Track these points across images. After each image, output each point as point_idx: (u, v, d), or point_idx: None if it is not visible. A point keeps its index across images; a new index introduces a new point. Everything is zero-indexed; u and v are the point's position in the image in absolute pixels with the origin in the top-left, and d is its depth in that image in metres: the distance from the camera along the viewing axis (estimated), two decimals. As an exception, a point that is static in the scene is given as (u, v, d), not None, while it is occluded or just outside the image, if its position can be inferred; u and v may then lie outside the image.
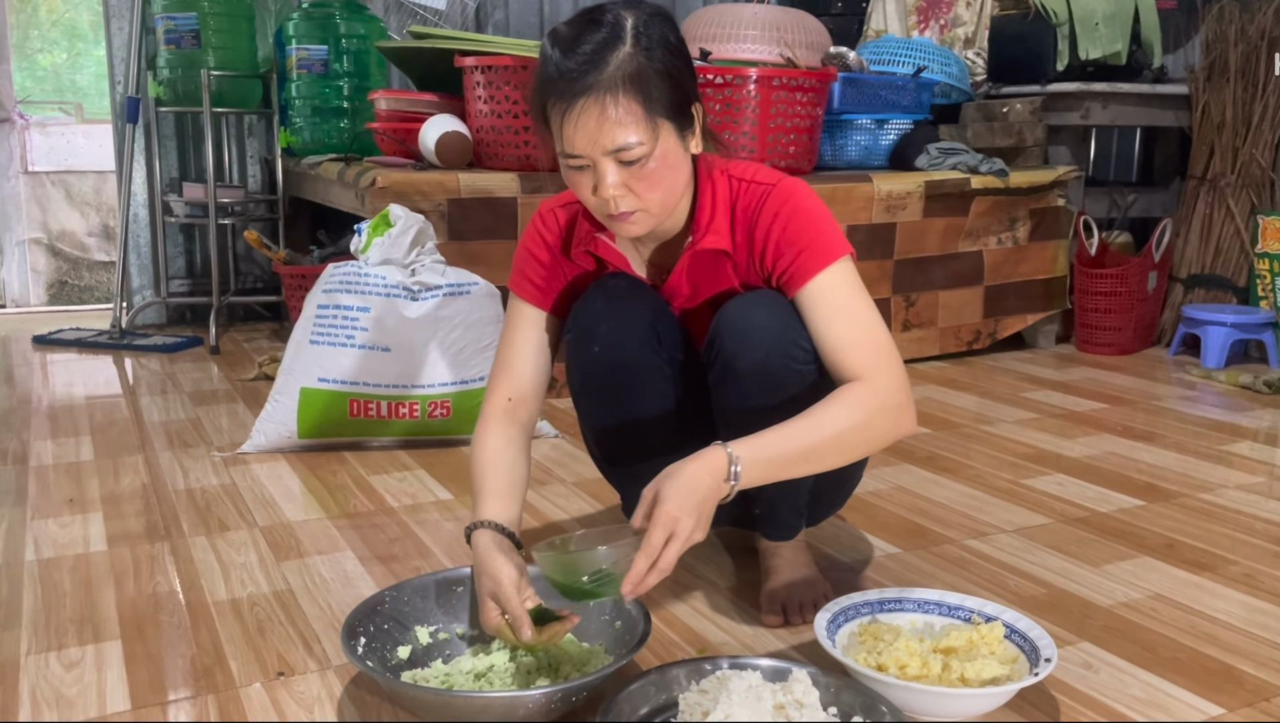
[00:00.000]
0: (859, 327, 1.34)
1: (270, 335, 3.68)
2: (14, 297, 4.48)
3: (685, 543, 1.18)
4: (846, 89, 3.22)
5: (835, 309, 1.35)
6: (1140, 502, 2.04)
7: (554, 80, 1.27)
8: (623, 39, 1.27)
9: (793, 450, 1.26)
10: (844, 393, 1.30)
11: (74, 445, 2.37)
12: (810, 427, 1.27)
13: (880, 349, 1.32)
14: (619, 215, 1.32)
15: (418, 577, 1.43)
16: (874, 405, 1.29)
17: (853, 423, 1.28)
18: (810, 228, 1.38)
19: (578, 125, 1.25)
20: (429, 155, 2.82)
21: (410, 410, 2.31)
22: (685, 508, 1.18)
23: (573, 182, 1.32)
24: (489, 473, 1.41)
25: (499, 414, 1.46)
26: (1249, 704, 1.30)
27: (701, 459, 1.22)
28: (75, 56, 4.69)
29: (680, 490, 1.19)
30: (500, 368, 1.50)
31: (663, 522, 1.17)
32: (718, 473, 1.22)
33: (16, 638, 1.46)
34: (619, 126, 1.25)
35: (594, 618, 1.38)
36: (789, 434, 1.26)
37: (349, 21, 3.61)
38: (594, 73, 1.25)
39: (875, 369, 1.31)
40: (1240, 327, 3.15)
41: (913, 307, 3.22)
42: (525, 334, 1.50)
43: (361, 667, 1.21)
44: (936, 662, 1.28)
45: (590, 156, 1.27)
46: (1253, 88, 3.40)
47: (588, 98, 1.24)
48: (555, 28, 1.32)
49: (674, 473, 1.22)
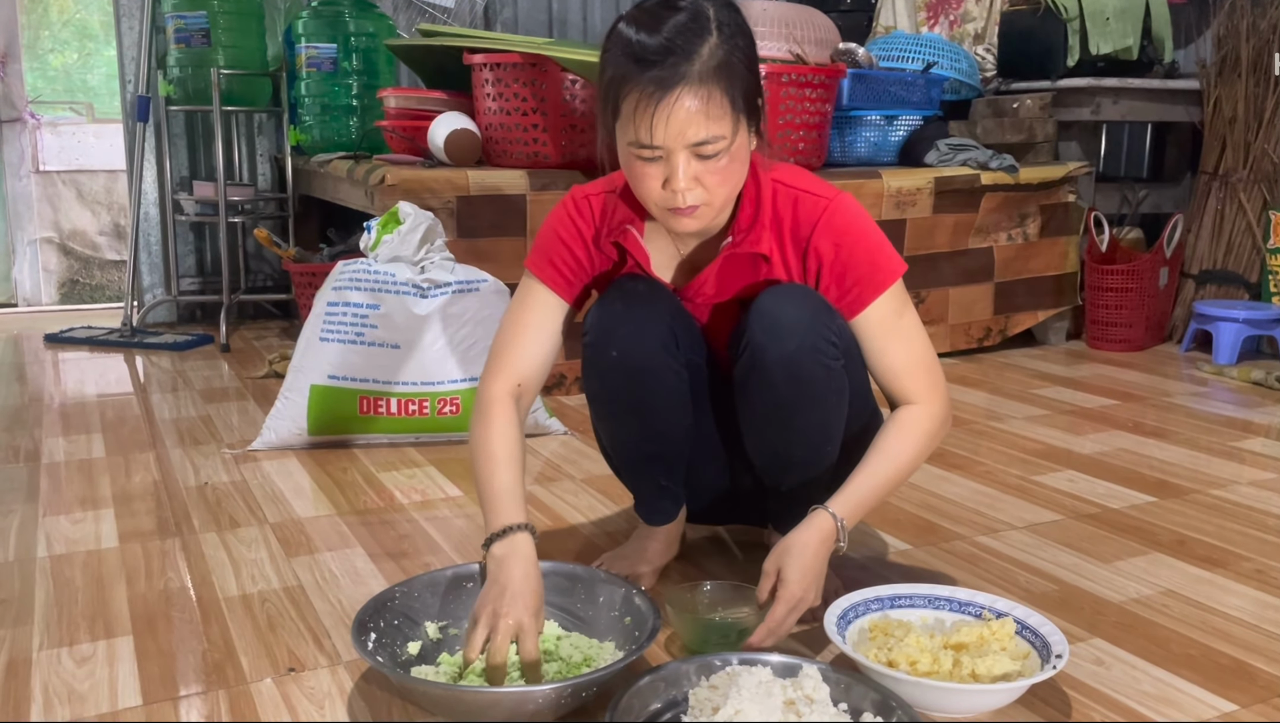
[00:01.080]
0: (914, 352, 1.41)
1: (280, 333, 3.69)
2: (26, 295, 4.49)
3: (804, 611, 1.32)
4: (856, 85, 3.21)
5: (891, 336, 1.40)
6: (1152, 498, 2.03)
7: (637, 69, 1.22)
8: (709, 28, 1.24)
9: (878, 488, 1.38)
10: (908, 422, 1.40)
11: (85, 443, 2.38)
12: (887, 463, 1.38)
13: (932, 371, 1.42)
14: (684, 210, 1.29)
15: (428, 572, 1.43)
16: (933, 428, 1.41)
17: (918, 450, 1.40)
18: (867, 255, 1.39)
19: (667, 117, 1.22)
20: (438, 153, 2.82)
21: (420, 407, 2.31)
22: (808, 585, 1.31)
23: (638, 172, 1.28)
24: (504, 470, 1.34)
25: (507, 400, 1.40)
26: (1262, 701, 1.29)
27: (812, 528, 1.33)
28: (86, 56, 4.70)
29: (803, 570, 1.31)
30: (510, 349, 1.43)
31: (787, 601, 1.29)
32: (829, 538, 1.34)
33: (29, 634, 1.46)
34: (708, 120, 1.23)
35: (604, 614, 1.38)
36: (872, 477, 1.37)
37: (358, 20, 3.61)
38: (685, 64, 1.21)
39: (929, 393, 1.41)
40: (1252, 322, 3.14)
41: (923, 303, 3.21)
42: (541, 320, 1.45)
43: (372, 662, 1.22)
44: (947, 658, 1.27)
45: (668, 148, 1.24)
46: (1264, 82, 3.38)
47: (681, 88, 1.21)
48: (630, 14, 1.27)
49: (792, 549, 1.32)
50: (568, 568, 1.44)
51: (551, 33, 4.25)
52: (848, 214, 1.39)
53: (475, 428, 1.40)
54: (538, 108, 2.73)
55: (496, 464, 1.35)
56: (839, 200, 1.40)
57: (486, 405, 1.40)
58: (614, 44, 1.26)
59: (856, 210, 1.40)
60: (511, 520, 1.30)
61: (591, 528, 1.87)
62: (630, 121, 1.25)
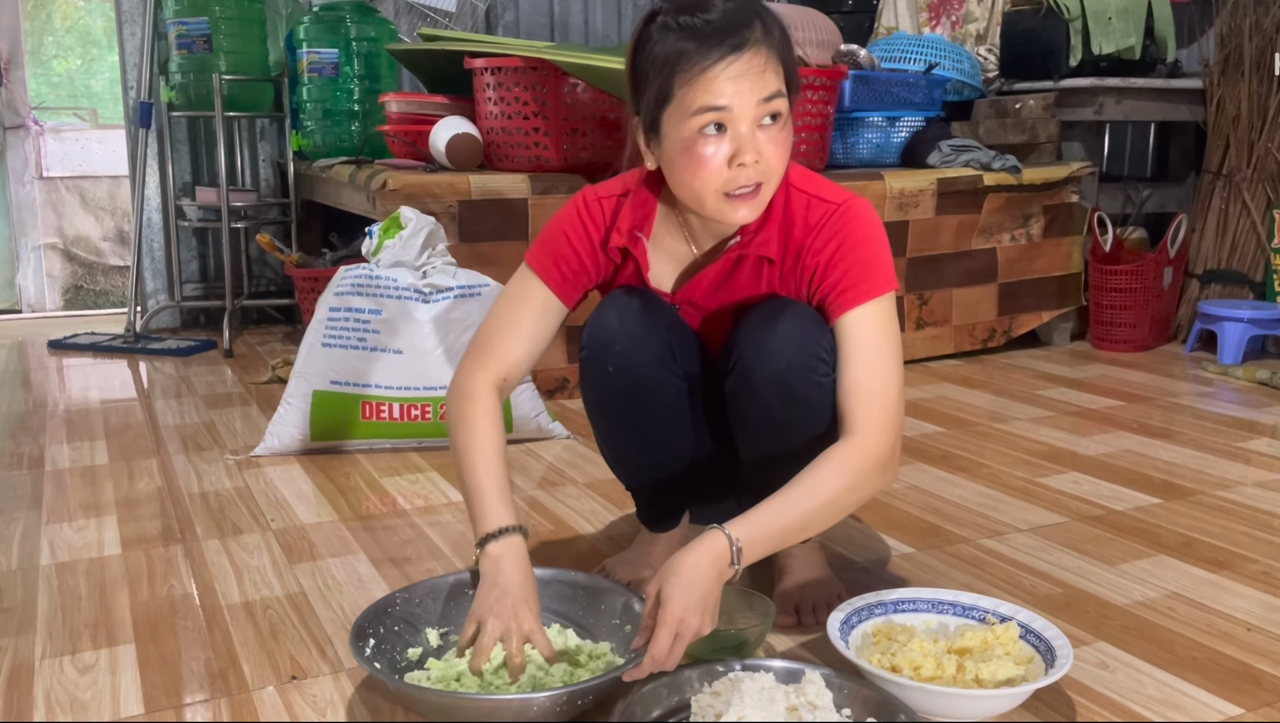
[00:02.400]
0: (875, 378, 1.31)
1: (283, 338, 3.69)
2: (30, 301, 4.50)
3: (693, 637, 1.19)
4: (858, 86, 3.20)
5: (859, 350, 1.32)
6: (1157, 500, 2.02)
7: (698, 42, 1.25)
8: (754, 11, 1.28)
9: (790, 522, 1.25)
10: (834, 457, 1.28)
11: (89, 449, 2.38)
12: (804, 496, 1.25)
13: (886, 402, 1.30)
14: (747, 191, 1.29)
15: (430, 578, 1.43)
16: (865, 466, 1.27)
17: (844, 486, 1.27)
18: (863, 260, 1.35)
19: (740, 74, 1.24)
20: (440, 157, 2.82)
21: (422, 412, 2.31)
22: (690, 606, 1.18)
23: (699, 155, 1.27)
24: (493, 466, 1.33)
25: (491, 392, 1.38)
26: (1268, 704, 1.29)
27: (702, 547, 1.21)
28: (89, 62, 4.71)
29: (684, 589, 1.18)
30: (500, 341, 1.40)
31: (668, 624, 1.17)
32: (720, 561, 1.21)
33: (31, 642, 1.46)
34: (775, 76, 1.27)
35: (605, 622, 1.37)
36: (784, 506, 1.25)
37: (359, 24, 3.62)
38: (748, 30, 1.25)
39: (871, 424, 1.29)
40: (1257, 322, 3.13)
41: (926, 305, 3.21)
42: (537, 316, 1.42)
43: (369, 668, 1.21)
44: (951, 663, 1.27)
45: (738, 112, 1.25)
46: (1268, 81, 3.37)
47: (751, 49, 1.25)
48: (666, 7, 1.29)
49: (676, 568, 1.20)
50: (569, 575, 1.43)
51: (553, 36, 4.25)
52: (856, 218, 1.37)
53: (460, 420, 1.36)
54: (539, 112, 2.72)
55: (485, 461, 1.33)
56: (850, 204, 1.38)
57: (471, 396, 1.37)
58: (657, 35, 1.28)
59: (867, 216, 1.38)
60: (505, 521, 1.31)
61: (594, 533, 1.87)
62: (693, 92, 1.25)
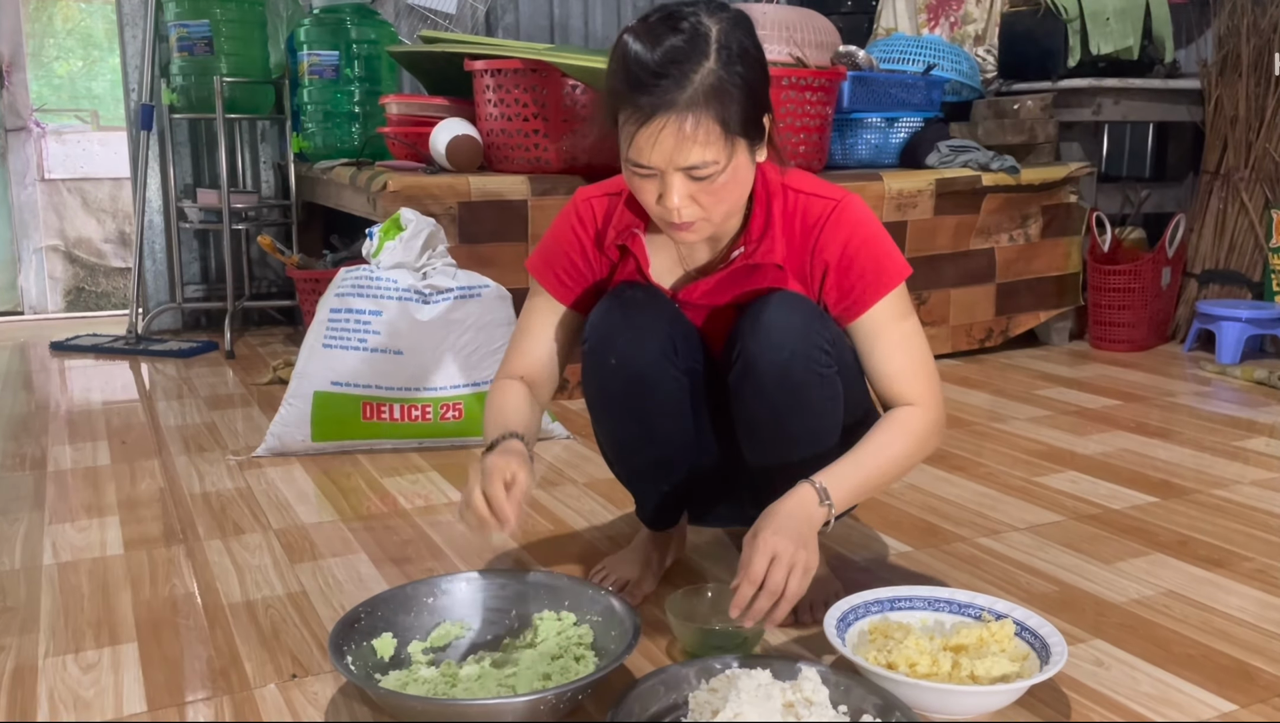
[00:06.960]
0: (913, 358, 1.41)
1: (284, 339, 3.70)
2: (32, 303, 4.51)
3: (792, 566, 1.23)
4: (856, 87, 3.21)
5: (892, 340, 1.40)
6: (1154, 498, 2.03)
7: (631, 89, 1.23)
8: (706, 52, 1.23)
9: (866, 476, 1.34)
10: (902, 418, 1.39)
11: (91, 450, 2.39)
12: (875, 453, 1.36)
13: (930, 377, 1.41)
14: (680, 225, 1.31)
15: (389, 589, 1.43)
16: (927, 431, 1.39)
17: (910, 448, 1.38)
18: (872, 257, 1.39)
19: (655, 141, 1.23)
20: (440, 159, 2.83)
21: (423, 413, 2.32)
22: (782, 532, 1.25)
23: (636, 186, 1.31)
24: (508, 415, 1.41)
25: (513, 381, 1.49)
26: (1262, 701, 1.29)
27: (790, 496, 1.30)
28: (90, 64, 4.72)
29: (775, 522, 1.26)
30: (513, 353, 1.53)
31: (761, 549, 1.23)
32: (808, 502, 1.29)
33: (35, 641, 1.47)
34: (696, 146, 1.23)
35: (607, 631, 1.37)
36: (859, 462, 1.35)
37: (360, 27, 3.63)
38: (676, 90, 1.21)
39: (926, 398, 1.40)
40: (1255, 322, 3.13)
41: (925, 305, 3.22)
42: (542, 323, 1.52)
43: (347, 676, 1.22)
44: (947, 660, 1.28)
45: (660, 169, 1.26)
46: (1265, 82, 3.38)
47: (668, 115, 1.22)
48: (633, 27, 1.28)
49: (767, 512, 1.29)
50: (550, 580, 1.45)
51: (553, 38, 4.26)
52: (855, 216, 1.40)
53: (487, 404, 1.48)
54: (539, 113, 2.73)
55: (505, 407, 1.43)
56: (846, 202, 1.41)
57: (494, 387, 1.49)
58: (616, 56, 1.28)
59: (864, 212, 1.41)
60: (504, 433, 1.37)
61: (594, 532, 1.88)
62: (628, 141, 1.27)
